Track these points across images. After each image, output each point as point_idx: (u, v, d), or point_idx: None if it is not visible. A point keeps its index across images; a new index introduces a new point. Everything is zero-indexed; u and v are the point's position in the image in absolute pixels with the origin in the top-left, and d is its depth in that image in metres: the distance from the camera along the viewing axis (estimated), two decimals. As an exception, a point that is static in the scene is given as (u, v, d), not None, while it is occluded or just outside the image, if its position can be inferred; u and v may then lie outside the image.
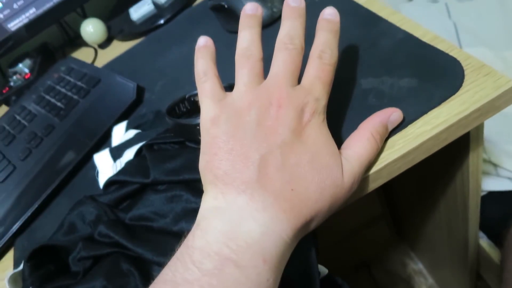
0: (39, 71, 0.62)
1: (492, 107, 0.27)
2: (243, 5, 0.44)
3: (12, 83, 0.62)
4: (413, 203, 0.63)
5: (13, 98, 0.61)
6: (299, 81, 0.26)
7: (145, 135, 0.38)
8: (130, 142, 0.38)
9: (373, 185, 0.28)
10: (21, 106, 0.53)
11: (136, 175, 0.32)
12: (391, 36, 0.34)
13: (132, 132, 0.40)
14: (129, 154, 0.36)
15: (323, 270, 0.30)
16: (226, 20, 0.48)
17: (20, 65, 0.64)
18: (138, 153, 0.35)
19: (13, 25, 0.58)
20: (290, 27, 0.27)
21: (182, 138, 0.32)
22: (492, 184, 0.54)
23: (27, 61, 0.64)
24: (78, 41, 0.69)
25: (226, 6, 0.45)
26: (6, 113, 0.55)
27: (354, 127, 0.28)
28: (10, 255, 0.39)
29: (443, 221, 0.54)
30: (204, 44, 0.30)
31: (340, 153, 0.25)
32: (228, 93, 0.27)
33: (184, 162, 0.30)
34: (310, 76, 0.26)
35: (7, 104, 0.62)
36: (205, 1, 0.57)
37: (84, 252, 0.29)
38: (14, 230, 0.40)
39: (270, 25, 0.44)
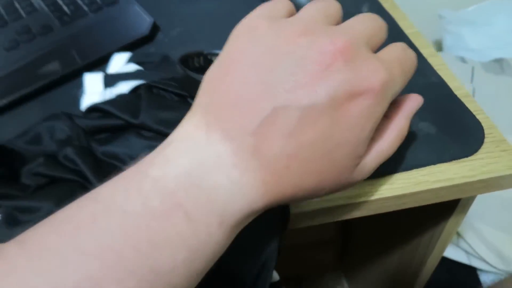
0: (56, -33, 0.57)
1: (497, 184, 0.27)
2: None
3: (23, -32, 0.57)
4: (370, 241, 0.63)
5: (19, -17, 0.56)
6: None
7: (146, 74, 0.35)
8: (128, 76, 0.35)
9: (357, 213, 0.27)
10: (25, -5, 0.49)
11: (125, 111, 0.29)
12: (425, 76, 0.33)
13: (133, 67, 0.38)
14: (123, 87, 0.33)
15: (275, 276, 0.29)
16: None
17: (39, -47, 0.59)
18: (134, 90, 0.32)
19: None
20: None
21: (186, 93, 0.30)
22: (448, 251, 0.55)
23: (48, -47, 0.59)
24: (107, -45, 0.64)
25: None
26: (7, -4, 0.51)
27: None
28: (-42, 141, 0.36)
29: (391, 270, 0.55)
30: None
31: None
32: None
33: (179, 117, 0.28)
34: (391, 54, 0.20)
35: (11, -13, 0.57)
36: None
37: (43, 168, 0.27)
38: (-28, 118, 0.37)
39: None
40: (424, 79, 0.33)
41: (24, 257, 0.15)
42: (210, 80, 0.20)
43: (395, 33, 0.38)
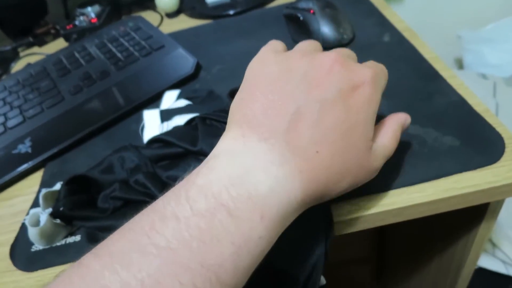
0: (105, 19, 0.65)
1: (521, 187, 0.30)
2: (318, 23, 0.47)
3: (77, 23, 0.65)
4: (405, 255, 0.65)
5: (74, 36, 0.64)
6: None
7: (196, 108, 0.40)
8: (181, 110, 0.41)
9: (393, 219, 0.30)
10: (82, 46, 0.56)
11: (184, 140, 0.34)
12: (446, 96, 0.37)
13: (183, 102, 0.43)
14: (178, 120, 0.38)
15: (322, 279, 0.32)
16: (295, 31, 0.50)
17: (89, 8, 0.67)
18: (189, 122, 0.37)
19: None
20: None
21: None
22: (485, 261, 0.56)
23: (96, 7, 0.67)
24: (146, 4, 0.72)
25: (301, 18, 0.48)
26: (66, 48, 0.58)
27: (393, 163, 0.31)
28: (37, 175, 0.42)
29: (429, 282, 0.56)
30: None
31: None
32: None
33: (231, 144, 0.33)
34: (368, 64, 0.26)
35: (67, 40, 0.65)
36: (279, 6, 0.60)
37: (119, 192, 0.32)
38: (49, 154, 0.42)
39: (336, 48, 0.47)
40: (446, 98, 0.37)
41: (97, 262, 0.18)
42: (238, 103, 0.24)
43: (416, 59, 0.42)
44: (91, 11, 0.67)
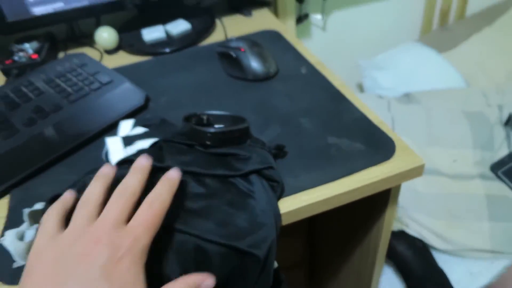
0: (46, 55, 0.68)
1: (408, 174, 0.42)
2: (248, 59, 0.56)
3: (16, 58, 0.67)
4: (332, 252, 0.76)
5: (15, 71, 0.66)
6: None
7: (154, 133, 0.47)
8: (141, 136, 0.47)
9: (323, 207, 0.40)
10: (28, 81, 0.59)
11: (152, 159, 0.40)
12: (351, 114, 0.49)
13: (141, 129, 0.49)
14: (142, 144, 0.45)
15: (275, 263, 0.40)
16: (229, 66, 0.60)
17: (27, 44, 0.70)
18: (153, 145, 0.43)
19: (38, 10, 0.66)
20: (131, 180, 0.33)
21: (193, 142, 0.42)
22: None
23: (34, 43, 0.70)
24: (81, 40, 0.76)
25: (234, 56, 0.57)
26: (10, 83, 0.60)
27: (319, 166, 0.41)
28: (2, 202, 0.45)
29: (354, 270, 0.67)
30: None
31: None
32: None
33: (193, 158, 0.40)
34: (136, 219, 0.29)
35: (6, 75, 0.67)
36: (210, 45, 0.69)
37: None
38: (13, 182, 0.45)
39: (264, 80, 0.57)
40: (352, 115, 0.48)
41: None
42: None
43: (327, 86, 0.53)
44: (30, 47, 0.69)
